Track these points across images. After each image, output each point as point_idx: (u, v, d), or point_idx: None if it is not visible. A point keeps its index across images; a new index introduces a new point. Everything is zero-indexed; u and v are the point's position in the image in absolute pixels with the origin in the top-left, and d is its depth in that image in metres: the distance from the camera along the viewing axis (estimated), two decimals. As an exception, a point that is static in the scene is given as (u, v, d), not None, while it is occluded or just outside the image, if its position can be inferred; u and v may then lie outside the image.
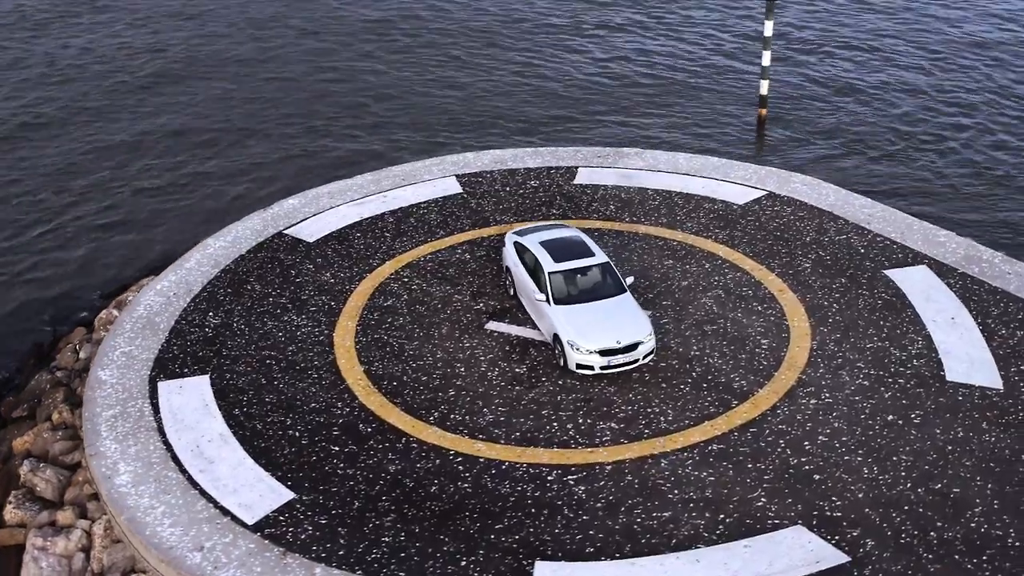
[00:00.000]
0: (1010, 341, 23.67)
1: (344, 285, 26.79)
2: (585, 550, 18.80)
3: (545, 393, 22.72)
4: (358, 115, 41.89)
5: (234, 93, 43.83)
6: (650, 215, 29.28)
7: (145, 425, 22.35)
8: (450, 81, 44.73)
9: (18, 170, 37.98)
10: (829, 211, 29.23)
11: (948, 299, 25.23)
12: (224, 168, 38.08)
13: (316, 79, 45.06)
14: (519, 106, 42.14)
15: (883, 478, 20.03)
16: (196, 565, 18.92)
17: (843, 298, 25.42)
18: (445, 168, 32.56)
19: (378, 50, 47.86)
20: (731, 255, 27.29)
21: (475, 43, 48.29)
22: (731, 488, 19.98)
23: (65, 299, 30.45)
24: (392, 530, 19.39)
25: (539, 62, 45.98)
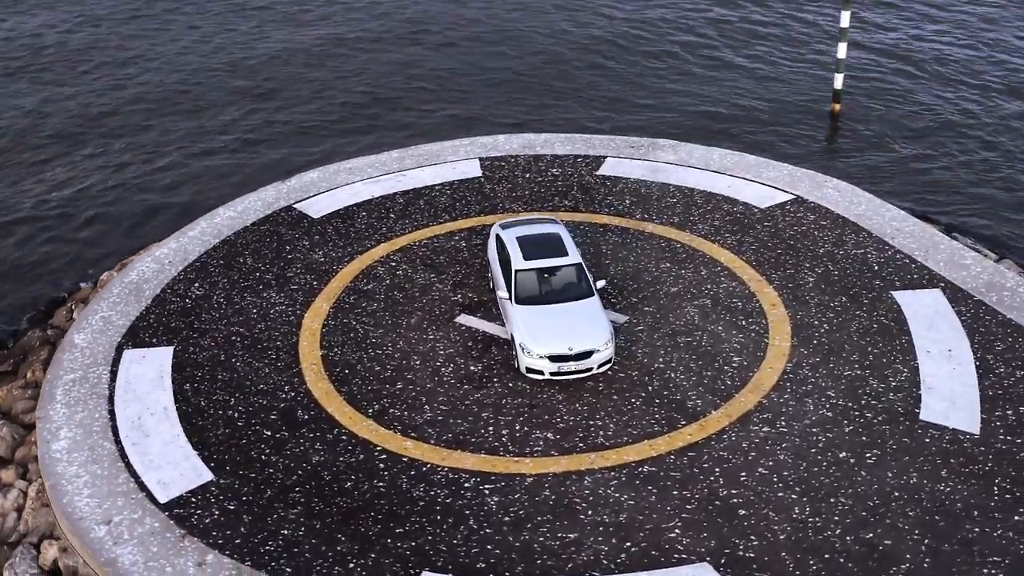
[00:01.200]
0: (1005, 381, 21.71)
1: (332, 265, 26.63)
2: (476, 565, 18.20)
3: (492, 395, 22.07)
4: (435, 87, 41.41)
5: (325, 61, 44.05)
6: (663, 213, 28.07)
7: (98, 392, 22.71)
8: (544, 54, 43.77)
9: (74, 123, 39.13)
10: (854, 222, 27.41)
11: (952, 328, 23.33)
12: (275, 132, 38.26)
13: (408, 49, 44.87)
14: (587, 87, 40.94)
15: (813, 521, 18.69)
16: (98, 539, 19.14)
17: (837, 318, 23.82)
18: (472, 150, 31.96)
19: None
20: (733, 262, 25.92)
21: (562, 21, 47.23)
22: (648, 515, 19.00)
23: (89, 256, 31.16)
24: (294, 523, 19.18)
25: (620, 44, 44.58)
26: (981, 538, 18.10)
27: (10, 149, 37.22)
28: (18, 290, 29.50)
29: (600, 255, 26.35)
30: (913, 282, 24.91)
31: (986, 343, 22.79)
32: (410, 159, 31.70)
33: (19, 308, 28.84)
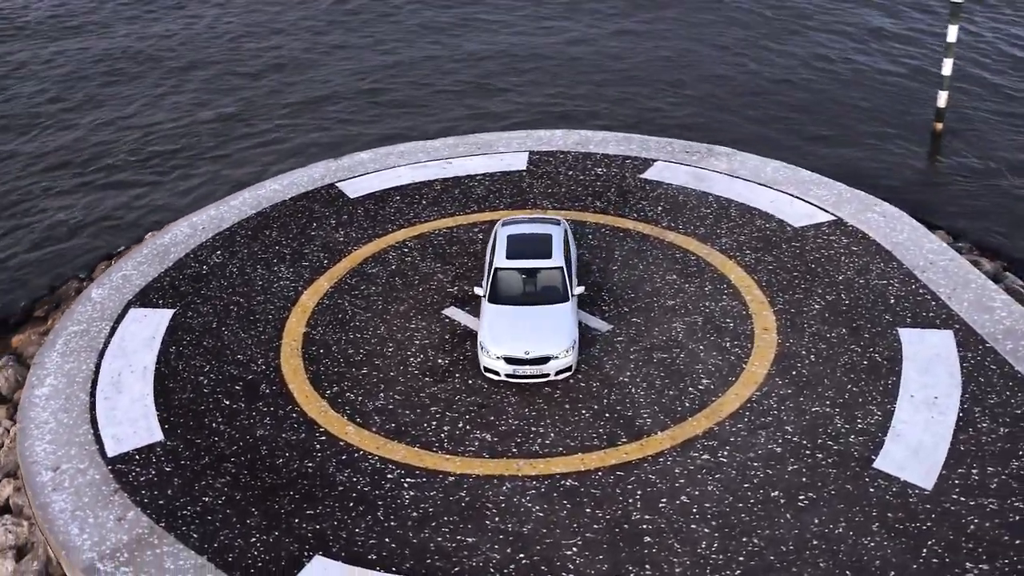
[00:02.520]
0: (984, 438, 20.20)
1: (348, 246, 27.21)
2: (368, 556, 18.42)
3: (448, 390, 22.15)
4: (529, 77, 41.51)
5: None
6: (691, 223, 27.31)
7: (93, 346, 24.06)
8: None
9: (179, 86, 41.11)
10: (888, 250, 25.93)
11: (949, 374, 21.82)
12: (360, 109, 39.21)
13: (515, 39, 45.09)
14: (688, 86, 40.10)
15: (716, 558, 17.98)
16: (41, 483, 20.37)
17: (828, 351, 22.67)
18: (525, 143, 31.92)
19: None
20: (742, 281, 25.00)
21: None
22: (551, 529, 18.72)
23: (150, 215, 32.86)
24: (216, 492, 19.86)
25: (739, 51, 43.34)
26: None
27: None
28: (90, 243, 31.46)
29: (610, 260, 25.90)
30: (925, 320, 23.38)
31: (979, 394, 21.21)
32: (463, 147, 31.89)
33: (87, 260, 30.75)
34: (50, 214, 33.02)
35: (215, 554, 18.46)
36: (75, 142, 37.37)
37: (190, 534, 18.94)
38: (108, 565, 18.35)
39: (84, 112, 39.61)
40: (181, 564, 18.28)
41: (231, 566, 18.20)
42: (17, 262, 30.75)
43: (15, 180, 34.99)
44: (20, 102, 40.46)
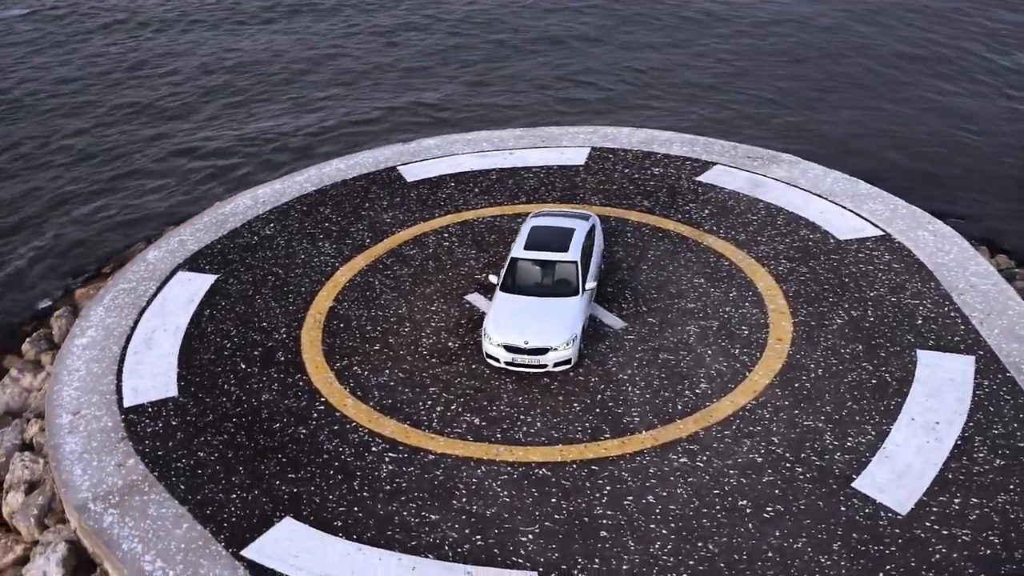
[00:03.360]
0: (976, 468, 19.57)
1: (393, 227, 28.04)
2: (334, 522, 19.16)
3: (450, 372, 22.73)
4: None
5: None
6: (733, 229, 27.11)
7: (137, 304, 25.58)
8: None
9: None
10: (931, 270, 25.21)
11: (959, 401, 21.18)
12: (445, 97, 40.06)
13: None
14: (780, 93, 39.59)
15: (666, 560, 18.05)
16: (60, 424, 21.89)
17: (838, 366, 22.28)
18: (589, 138, 32.16)
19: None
20: (769, 290, 24.74)
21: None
22: (513, 515, 19.11)
23: (232, 186, 34.47)
24: (212, 449, 20.96)
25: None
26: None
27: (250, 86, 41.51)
28: (172, 207, 33.29)
29: (642, 259, 25.96)
30: (949, 344, 22.67)
31: (985, 424, 20.51)
32: (529, 139, 32.32)
33: (167, 223, 32.55)
34: (147, 178, 35.00)
35: (195, 506, 19.48)
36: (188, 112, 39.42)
37: (178, 485, 20.02)
38: (98, 506, 19.58)
39: (209, 90, 41.69)
40: (163, 512, 19.36)
41: (207, 518, 19.18)
42: (108, 222, 32.75)
43: (127, 145, 37.21)
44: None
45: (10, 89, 42.96)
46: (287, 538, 18.72)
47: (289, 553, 18.43)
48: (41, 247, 31.65)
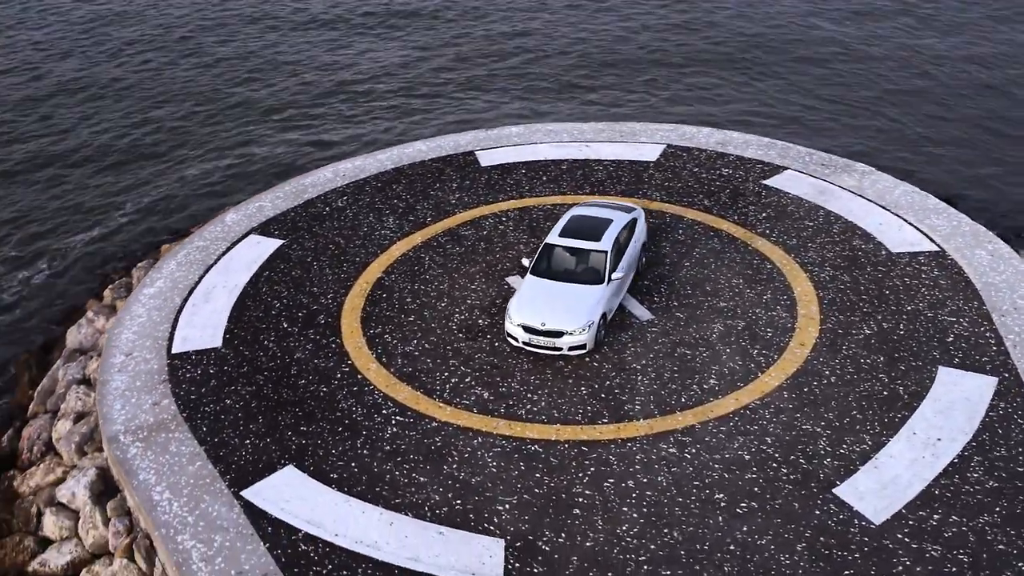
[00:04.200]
0: (964, 488, 19.40)
1: (455, 208, 29.22)
2: (331, 474, 20.46)
3: (473, 348, 23.73)
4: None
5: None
6: (785, 233, 27.20)
7: (205, 261, 27.53)
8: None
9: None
10: (979, 289, 24.80)
11: (968, 420, 20.95)
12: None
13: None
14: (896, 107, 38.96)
15: (628, 541, 18.63)
16: (113, 363, 23.92)
17: (854, 375, 22.28)
18: (667, 136, 32.58)
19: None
20: (805, 295, 24.82)
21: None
22: (496, 485, 19.99)
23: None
24: (239, 398, 22.56)
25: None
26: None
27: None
28: (262, 178, 35.38)
29: (687, 256, 26.34)
30: (974, 364, 22.34)
31: (988, 445, 20.24)
32: (609, 132, 32.95)
33: (254, 191, 34.60)
34: (251, 149, 37.21)
35: (211, 447, 21.06)
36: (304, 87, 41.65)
37: (201, 427, 21.66)
38: (127, 439, 21.39)
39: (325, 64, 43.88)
40: (182, 449, 21.02)
41: (219, 459, 20.73)
42: (209, 186, 35.06)
43: (240, 120, 39.64)
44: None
45: (169, 68, 46.11)
46: (285, 484, 20.04)
47: (282, 498, 19.75)
48: (146, 205, 34.12)
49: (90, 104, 41.81)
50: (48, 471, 22.33)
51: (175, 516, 19.35)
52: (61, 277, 30.54)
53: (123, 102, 41.85)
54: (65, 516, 21.08)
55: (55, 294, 29.67)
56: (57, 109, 41.52)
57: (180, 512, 19.42)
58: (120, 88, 43.30)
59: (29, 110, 41.32)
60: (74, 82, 44.01)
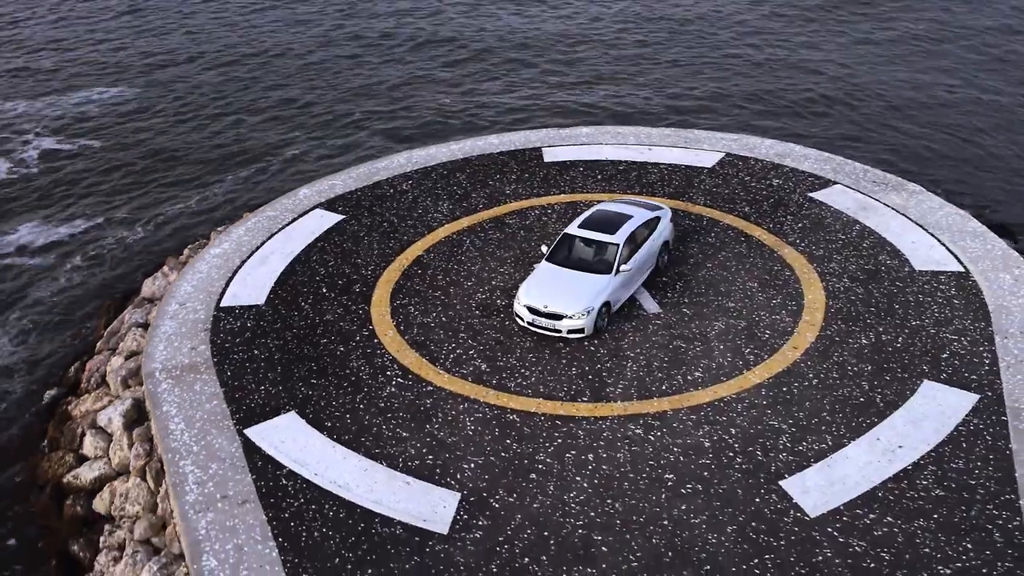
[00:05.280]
0: (908, 494, 19.88)
1: (508, 199, 31.04)
2: (325, 423, 22.54)
3: (485, 324, 25.48)
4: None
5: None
6: (815, 244, 27.89)
7: (270, 228, 30.17)
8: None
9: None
10: (991, 311, 24.95)
11: (935, 432, 21.36)
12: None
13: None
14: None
15: (570, 507, 19.92)
16: (167, 310, 26.73)
17: (837, 380, 23.01)
18: (727, 144, 33.54)
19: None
20: (814, 303, 25.54)
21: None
22: (467, 446, 21.64)
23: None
24: (265, 349, 24.92)
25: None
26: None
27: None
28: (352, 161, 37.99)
29: (711, 257, 27.36)
30: (960, 380, 22.72)
31: (948, 457, 20.70)
32: (673, 138, 34.12)
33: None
34: (351, 134, 39.98)
35: (230, 390, 23.47)
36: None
37: (226, 371, 24.11)
38: (162, 376, 24.04)
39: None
40: (205, 390, 23.51)
41: (233, 399, 23.11)
42: (306, 165, 37.94)
43: (339, 103, 42.54)
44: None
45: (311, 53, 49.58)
46: (284, 427, 22.24)
47: (278, 438, 21.94)
48: (244, 178, 37.14)
49: (219, 101, 45.50)
50: (97, 399, 25.16)
51: (183, 444, 21.74)
52: (153, 238, 33.75)
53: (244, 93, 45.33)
54: (101, 438, 23.80)
55: (144, 252, 32.87)
56: (187, 103, 45.36)
57: (188, 441, 21.80)
58: (243, 79, 46.90)
59: (165, 100, 45.36)
60: (209, 76, 47.88)
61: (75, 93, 46.88)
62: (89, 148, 40.93)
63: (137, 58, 50.79)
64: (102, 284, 31.34)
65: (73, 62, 50.12)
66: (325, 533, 19.35)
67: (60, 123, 43.49)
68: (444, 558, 18.72)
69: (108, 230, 34.60)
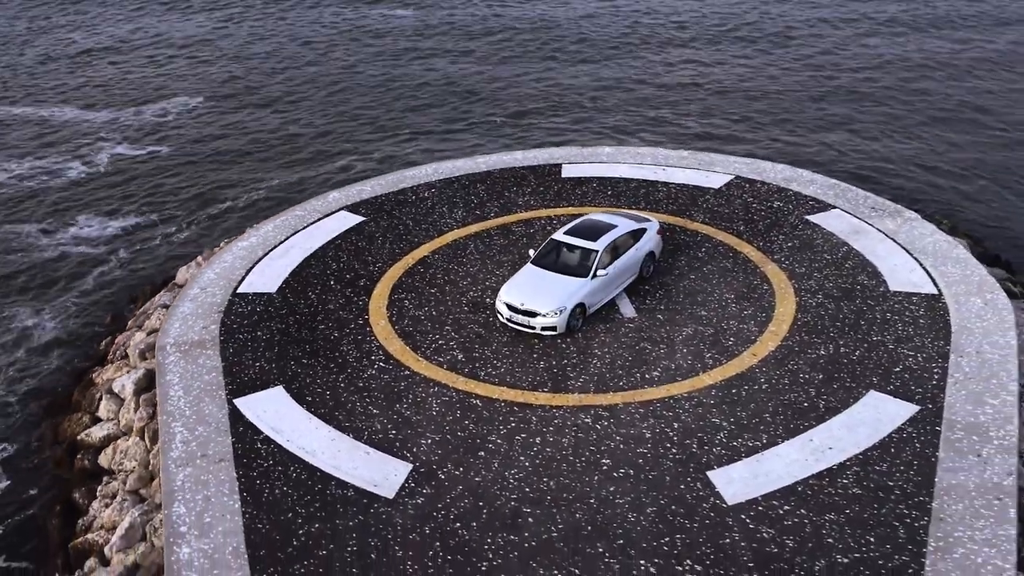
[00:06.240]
0: (827, 489, 21.21)
1: (519, 209, 32.99)
2: (307, 397, 24.65)
3: (470, 319, 27.38)
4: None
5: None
6: (798, 262, 28.99)
7: (296, 227, 32.59)
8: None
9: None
10: (953, 332, 25.85)
11: (867, 437, 22.50)
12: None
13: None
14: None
15: (510, 481, 21.59)
16: (188, 293, 29.24)
17: (784, 386, 24.29)
18: (737, 168, 34.95)
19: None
20: (784, 315, 26.74)
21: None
22: (427, 425, 23.42)
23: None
24: (266, 331, 27.22)
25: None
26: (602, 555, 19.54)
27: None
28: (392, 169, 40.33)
29: (696, 270, 28.77)
30: (906, 393, 23.62)
31: (873, 460, 21.65)
32: (689, 160, 35.67)
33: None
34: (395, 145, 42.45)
35: (228, 365, 25.80)
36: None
37: (228, 348, 26.49)
38: (172, 349, 26.53)
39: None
40: (206, 363, 25.90)
41: (229, 373, 25.41)
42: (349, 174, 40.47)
43: (391, 118, 45.10)
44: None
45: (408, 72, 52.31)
46: (269, 399, 24.43)
47: (262, 408, 24.14)
48: (290, 183, 39.86)
49: (282, 114, 48.58)
50: (117, 369, 27.78)
51: (177, 409, 24.10)
52: (197, 233, 36.59)
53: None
54: (114, 402, 26.35)
55: (187, 244, 35.69)
56: (255, 110, 48.49)
57: (182, 407, 24.15)
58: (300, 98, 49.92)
59: (243, 107, 48.56)
60: (279, 91, 51.08)
61: (155, 104, 50.49)
62: (156, 154, 44.25)
63: (217, 74, 54.33)
64: (144, 272, 34.16)
65: (162, 76, 53.91)
66: (285, 491, 21.37)
67: (135, 131, 47.02)
68: (385, 519, 20.55)
69: (158, 226, 37.56)
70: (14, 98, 52.47)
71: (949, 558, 18.96)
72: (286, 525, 20.42)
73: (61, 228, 37.64)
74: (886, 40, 55.69)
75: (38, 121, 48.96)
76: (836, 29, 56.69)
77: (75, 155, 44.55)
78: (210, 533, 20.27)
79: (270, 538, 20.10)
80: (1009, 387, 23.37)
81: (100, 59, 56.93)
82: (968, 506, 20.11)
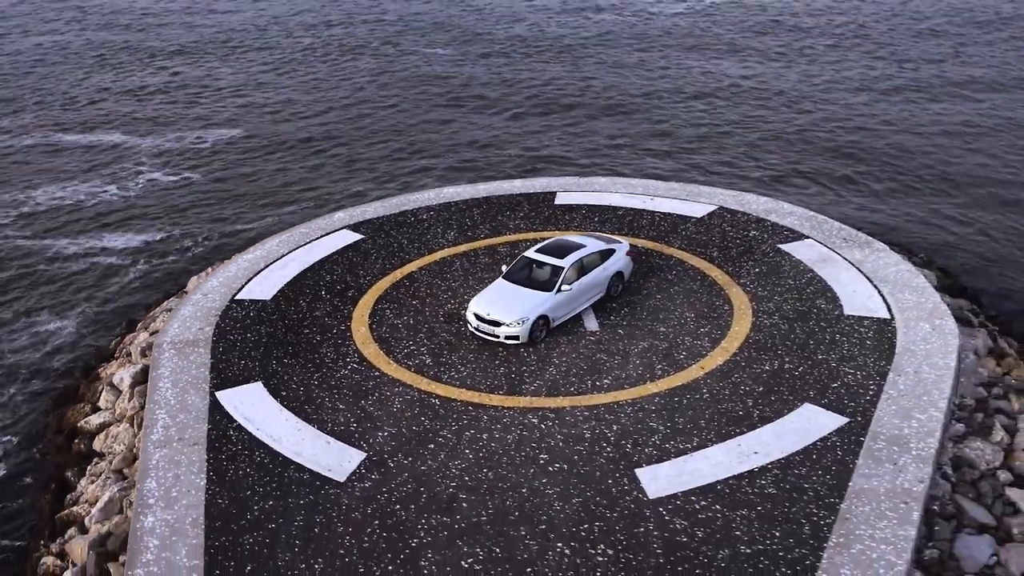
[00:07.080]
0: (744, 488, 22.64)
1: (509, 232, 34.95)
2: (281, 392, 26.83)
3: (444, 329, 29.26)
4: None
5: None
6: (761, 285, 30.42)
7: (298, 243, 34.88)
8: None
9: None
10: (897, 354, 27.14)
11: (793, 444, 24.00)
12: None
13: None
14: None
15: (453, 472, 23.41)
16: (190, 299, 31.67)
17: (724, 395, 25.79)
18: (723, 199, 36.55)
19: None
20: (738, 333, 28.25)
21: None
22: (386, 419, 25.36)
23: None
24: (255, 334, 29.48)
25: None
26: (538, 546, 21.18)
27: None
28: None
29: (663, 291, 30.40)
30: (838, 406, 24.94)
31: (794, 465, 23.11)
32: (678, 191, 37.40)
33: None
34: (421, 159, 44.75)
35: (216, 360, 28.00)
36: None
37: (219, 347, 28.72)
38: (167, 347, 28.84)
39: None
40: (196, 360, 28.14)
41: (216, 369, 27.60)
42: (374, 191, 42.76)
43: (413, 150, 47.54)
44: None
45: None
46: (247, 393, 26.53)
47: (239, 400, 26.24)
48: (305, 210, 42.31)
49: (308, 148, 51.26)
50: (120, 365, 30.15)
51: (163, 398, 26.31)
52: (213, 248, 39.12)
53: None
54: (112, 393, 28.67)
55: (203, 258, 38.21)
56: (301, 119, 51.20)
57: (168, 397, 26.35)
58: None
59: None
60: (310, 127, 53.88)
61: (193, 132, 53.56)
62: (188, 179, 47.13)
63: (257, 106, 57.36)
64: (158, 282, 36.70)
65: (203, 105, 57.09)
66: (247, 472, 23.37)
67: (172, 157, 50.03)
68: (333, 499, 22.42)
69: (180, 241, 40.17)
70: (68, 126, 55.93)
71: (846, 553, 20.25)
72: (243, 502, 22.35)
73: (90, 243, 40.37)
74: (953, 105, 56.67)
75: (87, 146, 52.24)
76: (880, 99, 57.78)
77: (115, 178, 47.55)
78: (175, 506, 22.29)
79: (227, 512, 22.05)
80: (939, 404, 24.57)
81: (152, 95, 60.32)
82: (875, 508, 21.36)
